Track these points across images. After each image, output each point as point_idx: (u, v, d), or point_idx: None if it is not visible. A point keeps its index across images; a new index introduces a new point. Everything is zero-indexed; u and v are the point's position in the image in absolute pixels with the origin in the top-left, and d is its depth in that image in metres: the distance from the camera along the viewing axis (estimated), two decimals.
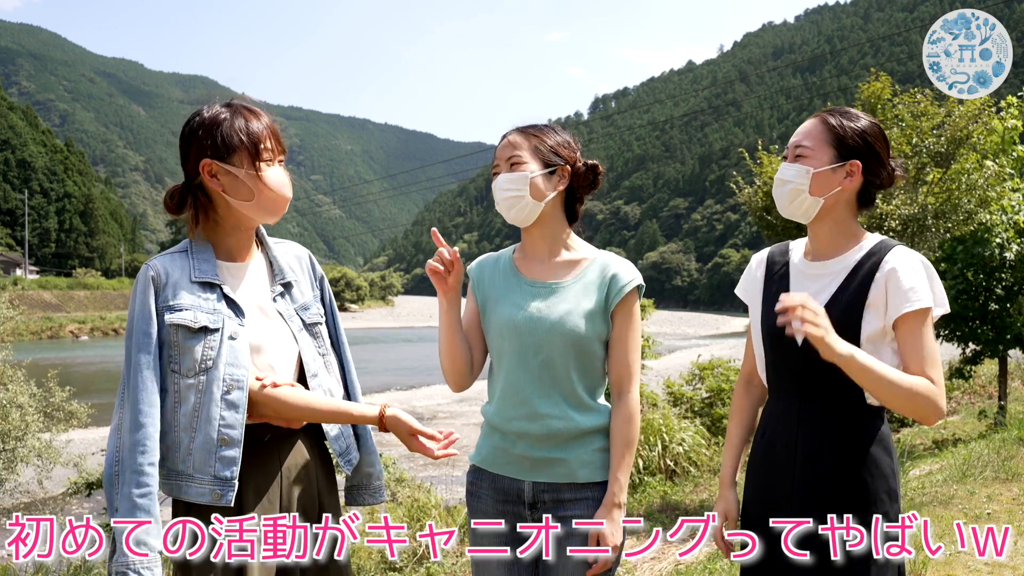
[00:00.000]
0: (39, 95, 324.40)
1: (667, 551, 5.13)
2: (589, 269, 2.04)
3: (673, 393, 10.25)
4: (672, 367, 15.18)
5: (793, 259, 2.03)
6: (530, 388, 1.97)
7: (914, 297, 1.80)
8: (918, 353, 1.80)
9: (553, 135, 2.06)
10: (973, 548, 2.00)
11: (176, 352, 1.79)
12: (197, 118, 1.87)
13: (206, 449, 1.75)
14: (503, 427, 2.01)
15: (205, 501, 1.76)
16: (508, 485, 2.01)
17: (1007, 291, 8.66)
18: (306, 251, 2.09)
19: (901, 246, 1.91)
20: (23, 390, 8.45)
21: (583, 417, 1.98)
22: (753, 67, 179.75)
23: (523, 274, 2.06)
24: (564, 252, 2.07)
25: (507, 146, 2.05)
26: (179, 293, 1.80)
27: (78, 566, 6.15)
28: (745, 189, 7.07)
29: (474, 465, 2.10)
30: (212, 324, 1.80)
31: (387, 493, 6.93)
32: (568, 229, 2.10)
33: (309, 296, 2.02)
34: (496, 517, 2.01)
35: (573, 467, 1.97)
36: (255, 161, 1.83)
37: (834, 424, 1.86)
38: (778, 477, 1.93)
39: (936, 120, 6.38)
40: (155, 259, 1.86)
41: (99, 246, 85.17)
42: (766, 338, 1.98)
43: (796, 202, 1.93)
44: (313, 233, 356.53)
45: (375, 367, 29.81)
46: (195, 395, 1.77)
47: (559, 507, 1.97)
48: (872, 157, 1.94)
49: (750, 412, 2.13)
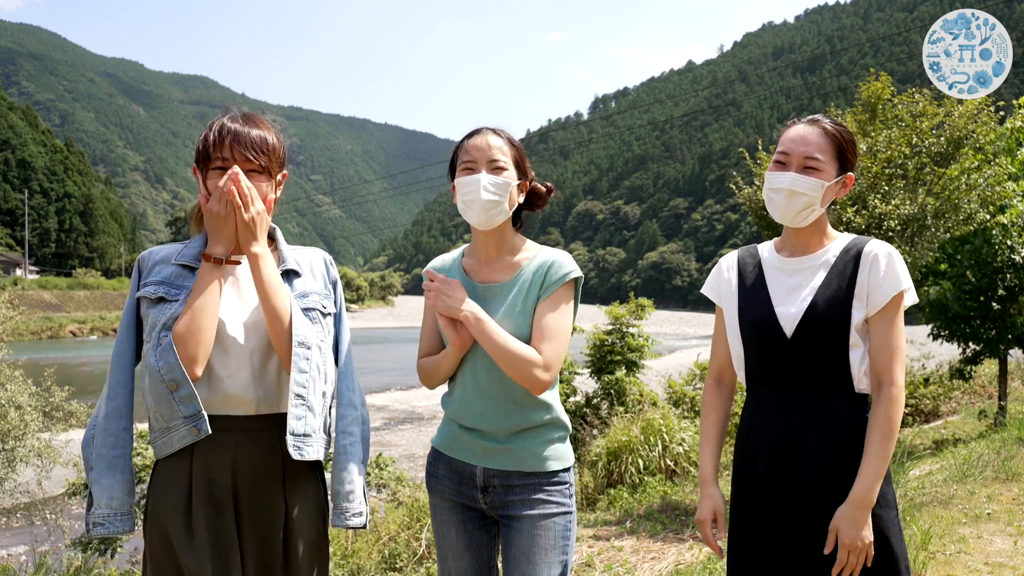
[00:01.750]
0: (39, 95, 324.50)
1: (667, 551, 5.13)
2: (528, 267, 2.09)
3: (673, 393, 10.25)
4: (672, 367, 15.19)
5: (764, 256, 2.10)
6: (475, 385, 2.07)
7: (896, 283, 1.90)
8: (889, 345, 1.90)
9: (521, 148, 2.15)
10: (974, 548, 2.01)
11: (145, 325, 1.91)
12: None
13: (165, 401, 1.83)
14: (456, 420, 2.12)
15: (189, 441, 1.83)
16: (462, 468, 2.11)
17: (1009, 291, 8.66)
18: (321, 253, 2.12)
19: (874, 239, 2.00)
20: (22, 389, 8.45)
21: (529, 413, 2.05)
22: (753, 67, 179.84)
23: (471, 278, 2.13)
24: (509, 255, 2.14)
25: (489, 148, 2.07)
26: (155, 271, 1.94)
27: (78, 566, 6.15)
28: (745, 189, 7.06)
29: (434, 447, 2.21)
30: (169, 296, 1.89)
31: (387, 493, 6.94)
32: (515, 232, 2.17)
33: (312, 287, 2.03)
34: (452, 496, 2.13)
35: (521, 457, 2.05)
36: (207, 168, 1.91)
37: (826, 411, 1.92)
38: (772, 471, 1.95)
39: (935, 120, 6.38)
40: (150, 248, 2.05)
41: (99, 246, 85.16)
42: (747, 332, 2.02)
43: (804, 212, 1.98)
44: (313, 233, 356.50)
45: (375, 367, 29.82)
46: (150, 357, 1.86)
47: (508, 492, 2.06)
48: (852, 166, 2.04)
49: (724, 409, 2.18)
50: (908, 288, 1.92)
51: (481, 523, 2.13)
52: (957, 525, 4.69)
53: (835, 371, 1.91)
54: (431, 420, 17.59)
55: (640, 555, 5.08)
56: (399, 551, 5.31)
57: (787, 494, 1.92)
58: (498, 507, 2.08)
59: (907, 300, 1.94)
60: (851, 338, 1.90)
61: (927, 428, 10.60)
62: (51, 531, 8.28)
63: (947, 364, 12.96)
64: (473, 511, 2.12)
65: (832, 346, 1.90)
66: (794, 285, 1.98)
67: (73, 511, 8.83)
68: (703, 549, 5.09)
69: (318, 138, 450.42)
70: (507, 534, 2.08)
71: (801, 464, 1.91)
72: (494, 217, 2.05)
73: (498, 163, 2.06)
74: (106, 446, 1.88)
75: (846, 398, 1.91)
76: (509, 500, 2.06)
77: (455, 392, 2.14)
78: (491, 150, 2.06)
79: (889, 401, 1.87)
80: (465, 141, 2.11)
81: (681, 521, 6.02)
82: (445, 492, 2.14)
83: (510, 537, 2.06)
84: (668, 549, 5.18)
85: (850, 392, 1.92)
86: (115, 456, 1.89)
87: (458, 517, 2.12)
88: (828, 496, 1.88)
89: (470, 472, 2.09)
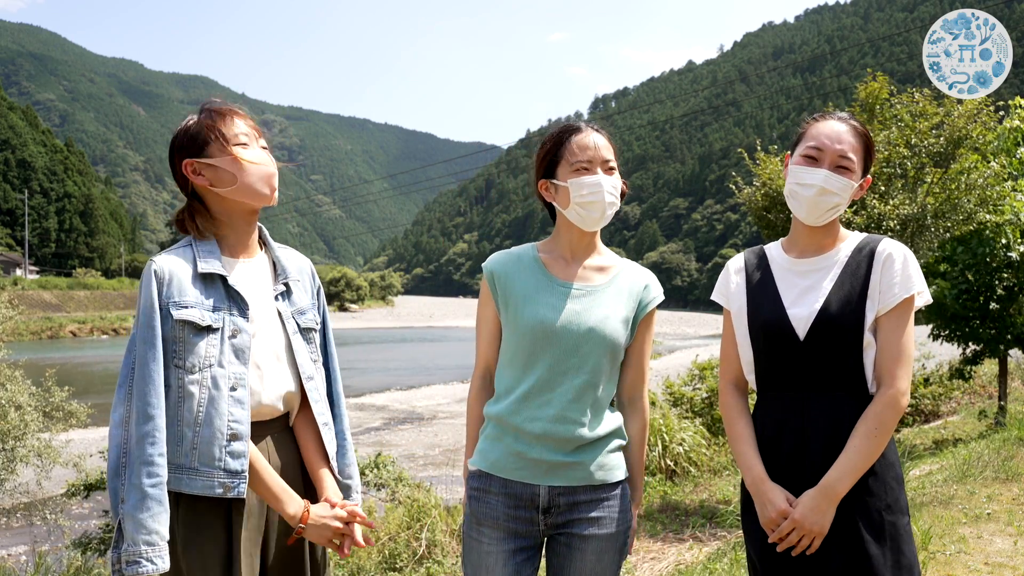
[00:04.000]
0: (39, 95, 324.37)
1: (667, 551, 5.13)
2: (620, 276, 2.05)
3: (673, 393, 10.24)
4: (672, 367, 15.19)
5: (773, 257, 2.05)
6: (561, 390, 1.94)
7: (908, 285, 1.86)
8: (895, 347, 1.85)
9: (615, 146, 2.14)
10: (974, 548, 2.00)
11: (181, 348, 1.80)
12: (174, 133, 1.95)
13: (215, 444, 1.77)
14: (522, 427, 1.95)
15: (215, 494, 1.78)
16: (520, 490, 1.96)
17: (1008, 291, 8.66)
18: (308, 261, 2.14)
19: (887, 238, 1.96)
20: (22, 389, 8.44)
21: (603, 422, 1.99)
22: (753, 67, 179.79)
23: (554, 274, 2.03)
24: (594, 256, 2.07)
25: (603, 148, 2.01)
26: (184, 289, 1.82)
27: (78, 566, 6.15)
28: (745, 189, 7.05)
29: (480, 470, 2.02)
30: (215, 323, 1.83)
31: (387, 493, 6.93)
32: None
33: (307, 302, 2.05)
34: (506, 522, 1.97)
35: (590, 470, 1.96)
36: (228, 146, 1.88)
37: (839, 412, 1.87)
38: (786, 473, 1.91)
39: (935, 120, 6.37)
40: (159, 255, 1.88)
41: (99, 246, 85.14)
42: (758, 335, 1.97)
43: (831, 212, 1.94)
44: (313, 233, 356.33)
45: (375, 367, 29.82)
46: (200, 391, 1.79)
47: (574, 510, 1.96)
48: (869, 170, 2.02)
49: (748, 410, 2.09)
50: (921, 291, 1.88)
51: (529, 555, 1.99)
52: (957, 525, 4.68)
53: (848, 372, 1.87)
54: (431, 420, 17.59)
55: (640, 555, 5.08)
56: (399, 551, 5.31)
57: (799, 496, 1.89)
58: (559, 525, 1.97)
59: (919, 302, 1.90)
60: (864, 339, 1.86)
61: (927, 428, 10.61)
62: (51, 531, 8.28)
63: (947, 364, 12.95)
64: (523, 539, 1.98)
65: (846, 347, 1.87)
66: (806, 286, 1.94)
67: (73, 511, 8.83)
68: (703, 549, 5.09)
69: (318, 138, 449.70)
70: (566, 552, 1.97)
71: (814, 467, 1.87)
72: (608, 219, 2.01)
73: (610, 163, 2.01)
74: (140, 475, 1.71)
75: (859, 400, 1.87)
76: (573, 519, 1.96)
77: (519, 394, 1.97)
78: (604, 150, 2.00)
79: (885, 402, 1.83)
80: (570, 138, 2.00)
81: (681, 521, 6.01)
82: (499, 519, 1.96)
83: (569, 556, 1.97)
84: (668, 549, 5.18)
85: (863, 394, 1.87)
86: (152, 486, 1.71)
87: (508, 548, 1.96)
88: (845, 497, 1.84)
89: (531, 493, 1.95)
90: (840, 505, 1.84)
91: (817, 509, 1.81)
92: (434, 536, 5.41)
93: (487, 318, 2.08)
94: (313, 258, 46.16)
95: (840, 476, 1.81)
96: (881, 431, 1.82)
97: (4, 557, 8.13)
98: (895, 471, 1.90)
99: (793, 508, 1.85)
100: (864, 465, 1.82)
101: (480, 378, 2.11)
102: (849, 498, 1.84)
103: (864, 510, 1.85)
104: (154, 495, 1.71)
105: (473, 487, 2.03)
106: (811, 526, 1.81)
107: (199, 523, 1.80)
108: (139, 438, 1.72)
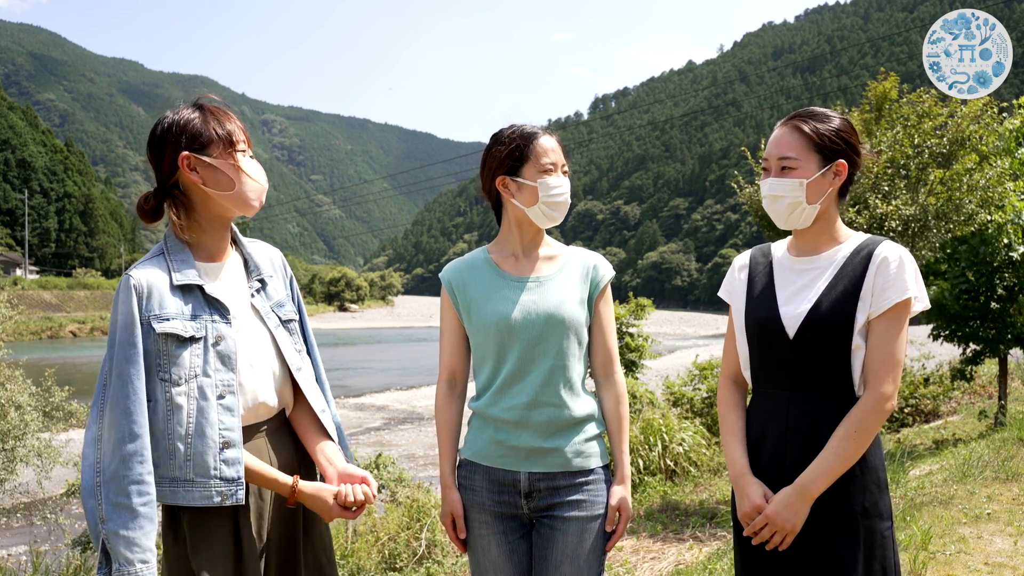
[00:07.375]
0: (39, 95, 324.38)
1: (667, 551, 5.13)
2: (570, 262, 2.16)
3: (673, 393, 10.25)
4: (672, 367, 15.18)
5: (776, 256, 2.06)
6: (532, 377, 2.05)
7: (902, 289, 1.85)
8: (884, 350, 1.84)
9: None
10: (974, 548, 2.00)
11: (165, 360, 1.78)
12: (167, 119, 1.87)
13: (208, 454, 1.77)
14: (500, 417, 2.06)
15: (213, 503, 1.77)
16: (503, 477, 2.08)
17: (1008, 291, 8.65)
18: (278, 251, 2.13)
19: (888, 241, 1.94)
20: (22, 389, 8.44)
21: (578, 403, 2.08)
22: (753, 67, 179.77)
23: (506, 271, 2.14)
24: (543, 247, 2.19)
25: (561, 152, 2.14)
26: (164, 301, 1.80)
27: (78, 566, 6.15)
28: (745, 189, 7.05)
29: (466, 459, 2.15)
30: (197, 333, 1.81)
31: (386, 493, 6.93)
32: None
33: (283, 294, 2.05)
34: (491, 507, 2.09)
35: (567, 456, 2.06)
36: (232, 151, 1.87)
37: (824, 413, 1.87)
38: (771, 472, 1.92)
39: (939, 121, 6.37)
40: (134, 268, 1.84)
41: (99, 246, 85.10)
42: (752, 332, 1.99)
43: (795, 214, 1.95)
44: (313, 233, 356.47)
45: (375, 367, 29.84)
46: (188, 402, 1.78)
47: (555, 494, 2.06)
48: (852, 151, 1.97)
49: (744, 405, 2.10)
50: (916, 296, 1.86)
51: (521, 533, 2.11)
52: (957, 525, 4.68)
53: (836, 374, 1.87)
54: (431, 420, 17.58)
55: (640, 555, 5.08)
56: (399, 551, 5.31)
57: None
58: (542, 509, 2.08)
59: (915, 307, 1.88)
60: (854, 341, 1.86)
61: (927, 428, 10.60)
62: (51, 531, 8.28)
63: (947, 364, 12.95)
64: (513, 520, 2.10)
65: (833, 348, 1.87)
66: (801, 285, 1.95)
67: (73, 511, 8.83)
68: (703, 549, 5.09)
69: (318, 138, 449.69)
70: (549, 535, 2.07)
71: (794, 465, 1.88)
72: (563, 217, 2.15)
73: (565, 166, 2.15)
74: (127, 495, 1.68)
75: (844, 402, 1.87)
76: (554, 503, 2.06)
77: (495, 387, 2.09)
78: (562, 153, 2.13)
79: (867, 405, 1.82)
80: (535, 141, 2.10)
81: (681, 521, 6.02)
82: (485, 503, 2.09)
83: (552, 538, 2.06)
84: (668, 549, 5.18)
85: (850, 396, 1.87)
86: (142, 504, 1.69)
87: (499, 528, 2.09)
88: (822, 499, 1.85)
89: (512, 479, 2.07)
90: (816, 506, 1.85)
91: (790, 507, 1.83)
92: (434, 536, 5.42)
93: (449, 325, 2.19)
94: (313, 258, 45.39)
95: (815, 476, 1.82)
96: (861, 434, 1.82)
97: (4, 557, 8.13)
98: (877, 475, 1.88)
99: (768, 504, 1.87)
100: (841, 467, 1.82)
101: (446, 383, 2.19)
102: (825, 500, 1.84)
103: (839, 513, 1.85)
104: (145, 513, 1.69)
105: (461, 475, 2.16)
106: (783, 523, 1.84)
107: (206, 525, 1.80)
108: (125, 457, 1.69)
